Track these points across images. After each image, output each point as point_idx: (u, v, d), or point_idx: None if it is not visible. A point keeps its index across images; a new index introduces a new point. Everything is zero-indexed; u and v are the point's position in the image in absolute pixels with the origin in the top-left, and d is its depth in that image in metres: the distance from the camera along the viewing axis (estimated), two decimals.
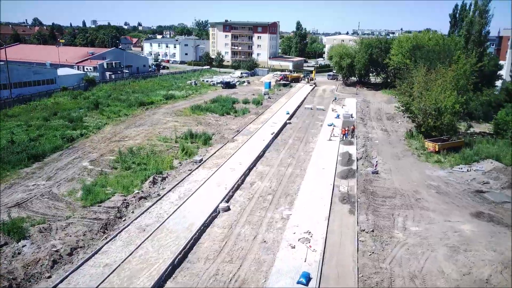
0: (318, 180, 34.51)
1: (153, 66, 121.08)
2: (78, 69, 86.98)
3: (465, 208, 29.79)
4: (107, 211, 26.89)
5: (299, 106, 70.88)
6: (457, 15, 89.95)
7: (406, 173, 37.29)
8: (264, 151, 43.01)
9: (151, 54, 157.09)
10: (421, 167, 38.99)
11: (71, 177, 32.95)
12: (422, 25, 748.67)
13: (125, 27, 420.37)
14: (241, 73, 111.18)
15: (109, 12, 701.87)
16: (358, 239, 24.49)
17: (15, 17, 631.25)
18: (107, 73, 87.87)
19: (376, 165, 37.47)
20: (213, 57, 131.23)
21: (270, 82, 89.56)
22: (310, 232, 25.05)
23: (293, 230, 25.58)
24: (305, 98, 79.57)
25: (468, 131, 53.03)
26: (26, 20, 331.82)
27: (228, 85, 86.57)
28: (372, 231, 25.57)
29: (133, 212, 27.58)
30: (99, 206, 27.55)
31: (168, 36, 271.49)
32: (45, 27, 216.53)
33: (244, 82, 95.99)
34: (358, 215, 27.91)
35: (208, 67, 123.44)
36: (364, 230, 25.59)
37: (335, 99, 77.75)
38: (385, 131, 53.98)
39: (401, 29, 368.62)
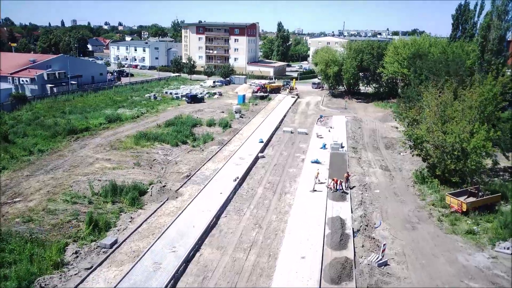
0: None
1: (115, 74, 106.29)
2: (12, 81, 72.04)
3: None
4: None
5: (277, 128, 57.65)
6: (460, 16, 78.56)
7: (429, 261, 24.29)
8: (218, 215, 29.57)
9: (118, 59, 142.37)
10: (449, 246, 26.06)
11: None
12: (410, 25, 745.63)
13: (105, 27, 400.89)
14: (214, 81, 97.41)
15: (94, 11, 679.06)
16: None
17: None
18: (48, 86, 73.06)
19: (383, 250, 24.37)
20: (185, 61, 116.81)
21: (244, 96, 76.08)
22: None
23: None
24: (285, 116, 66.41)
25: (495, 167, 40.58)
26: (2, 20, 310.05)
27: (194, 99, 72.74)
28: None
29: None
30: None
31: (146, 36, 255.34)
32: (5, 28, 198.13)
33: (215, 94, 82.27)
34: None
35: (178, 74, 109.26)
36: None
37: (321, 117, 64.80)
38: (386, 170, 41.08)
39: (388, 29, 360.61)
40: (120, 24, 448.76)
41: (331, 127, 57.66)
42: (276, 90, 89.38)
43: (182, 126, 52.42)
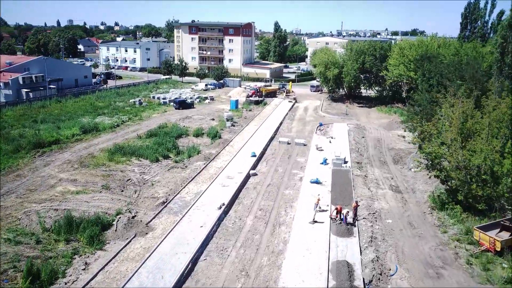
0: None
1: (102, 76, 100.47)
2: None
3: None
4: None
5: (272, 138, 51.98)
6: (469, 15, 73.31)
7: None
8: (196, 258, 23.88)
9: (108, 60, 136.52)
10: None
11: None
12: (408, 25, 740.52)
13: (102, 27, 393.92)
14: (206, 85, 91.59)
15: (92, 12, 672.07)
16: None
17: None
18: (24, 91, 67.20)
19: None
20: (177, 63, 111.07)
21: (237, 101, 70.38)
22: None
23: None
24: (281, 123, 60.72)
25: None
26: None
27: (182, 105, 66.96)
28: None
29: None
30: None
31: (140, 37, 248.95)
32: None
33: (206, 98, 76.50)
34: None
35: (168, 76, 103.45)
36: None
37: (320, 125, 59.22)
38: (397, 191, 35.46)
39: (386, 29, 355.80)
40: (116, 24, 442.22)
41: (332, 137, 52.01)
42: (272, 94, 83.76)
43: (165, 137, 46.70)
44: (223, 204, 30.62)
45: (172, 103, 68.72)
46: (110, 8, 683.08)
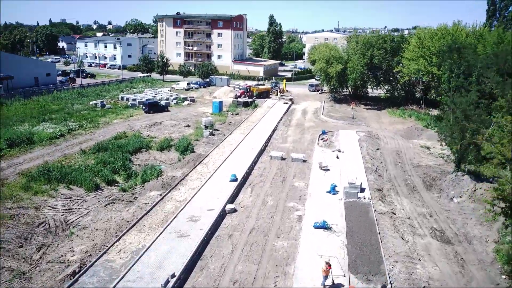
0: None
1: (72, 74, 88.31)
2: None
3: None
4: None
5: (261, 152, 40.11)
6: (498, 1, 61.94)
7: None
8: None
9: (86, 57, 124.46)
10: None
11: None
12: (408, 23, 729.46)
13: (94, 26, 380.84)
14: (189, 83, 79.51)
15: (89, 11, 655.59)
16: None
17: None
18: None
19: None
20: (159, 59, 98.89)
21: (221, 102, 58.29)
22: None
23: None
24: (274, 131, 48.87)
25: None
26: None
27: (153, 108, 54.74)
28: None
29: None
30: None
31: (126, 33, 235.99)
32: None
33: (186, 99, 64.44)
34: None
35: (147, 74, 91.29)
36: None
37: (323, 133, 47.41)
38: (444, 241, 23.63)
39: (385, 27, 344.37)
40: (109, 23, 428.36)
41: (339, 151, 40.16)
42: (265, 94, 72.06)
43: (117, 153, 34.67)
44: (173, 277, 18.66)
45: (142, 106, 56.62)
46: (106, 8, 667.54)
